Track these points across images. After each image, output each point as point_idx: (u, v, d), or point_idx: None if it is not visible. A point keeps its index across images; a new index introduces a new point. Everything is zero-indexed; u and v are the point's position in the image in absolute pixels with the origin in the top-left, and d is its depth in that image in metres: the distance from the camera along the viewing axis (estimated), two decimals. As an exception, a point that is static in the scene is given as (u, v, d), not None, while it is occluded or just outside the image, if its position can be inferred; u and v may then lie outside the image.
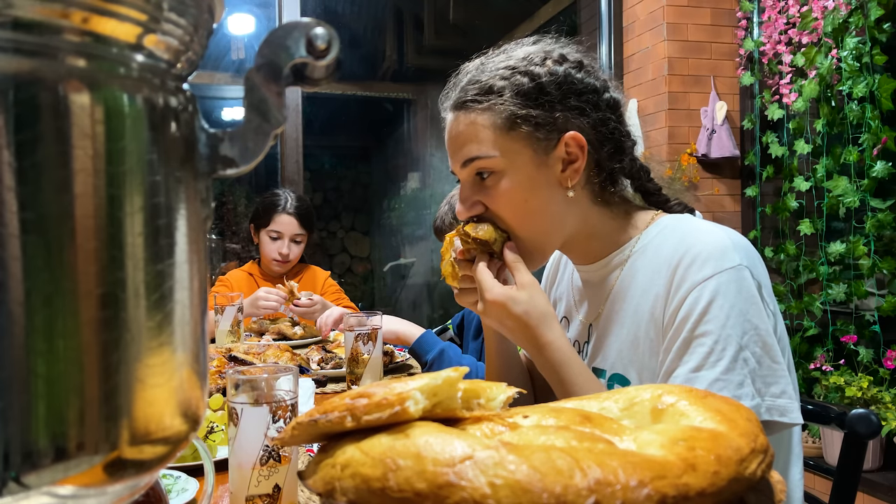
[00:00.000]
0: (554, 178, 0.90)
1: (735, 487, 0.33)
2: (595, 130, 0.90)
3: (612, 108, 0.93)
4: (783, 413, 0.78)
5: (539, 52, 0.91)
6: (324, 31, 0.33)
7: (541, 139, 0.88)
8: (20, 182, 0.26)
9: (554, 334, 0.89)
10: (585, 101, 0.89)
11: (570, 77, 0.89)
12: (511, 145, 0.88)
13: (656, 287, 0.87)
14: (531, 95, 0.88)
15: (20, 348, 0.26)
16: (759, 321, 0.80)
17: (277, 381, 0.78)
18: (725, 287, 0.80)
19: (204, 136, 0.35)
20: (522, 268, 0.91)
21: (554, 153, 0.89)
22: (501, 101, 0.88)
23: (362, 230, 7.46)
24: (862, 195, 2.54)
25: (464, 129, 0.91)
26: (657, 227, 0.93)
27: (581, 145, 0.89)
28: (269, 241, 2.39)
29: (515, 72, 0.89)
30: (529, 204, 0.90)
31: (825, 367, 2.61)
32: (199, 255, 0.35)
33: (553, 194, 0.90)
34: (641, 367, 0.89)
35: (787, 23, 2.86)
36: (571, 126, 0.89)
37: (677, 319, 0.82)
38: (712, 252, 0.82)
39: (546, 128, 0.88)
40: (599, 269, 0.98)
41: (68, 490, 0.28)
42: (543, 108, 0.88)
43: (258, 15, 4.03)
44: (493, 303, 0.89)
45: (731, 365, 0.77)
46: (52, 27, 0.27)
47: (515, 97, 0.88)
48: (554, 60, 0.90)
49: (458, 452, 0.33)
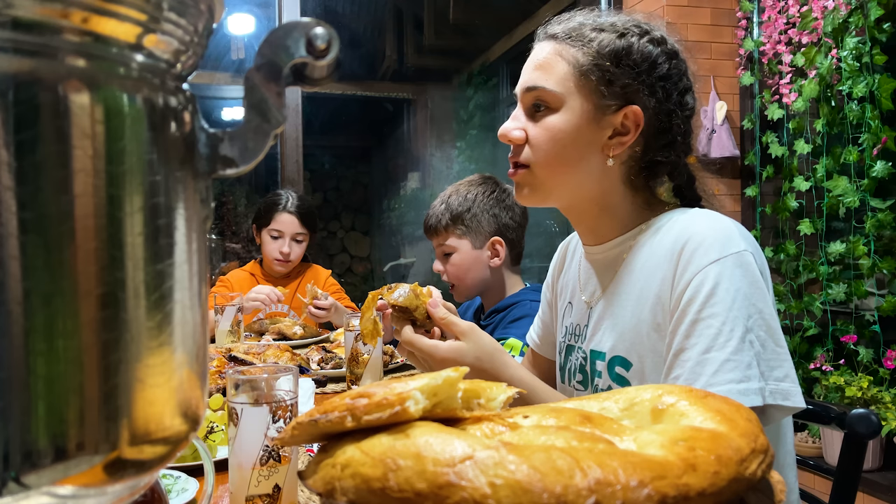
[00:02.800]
0: (599, 141, 0.92)
1: (735, 487, 0.33)
2: (657, 115, 0.92)
3: (683, 107, 0.94)
4: (786, 397, 0.78)
5: (643, 24, 0.94)
6: (324, 31, 0.33)
7: (605, 99, 0.90)
8: (20, 182, 0.26)
9: (510, 369, 0.95)
10: (661, 87, 0.92)
11: (659, 59, 0.92)
12: (577, 92, 0.91)
13: (662, 270, 0.87)
14: (616, 56, 0.90)
15: (20, 348, 0.26)
16: (764, 305, 0.81)
17: (277, 381, 0.78)
18: (731, 271, 0.80)
19: (204, 136, 0.34)
20: (454, 319, 0.96)
21: (610, 118, 0.91)
22: (589, 49, 0.91)
23: (362, 230, 7.46)
24: (862, 195, 2.54)
25: (544, 57, 0.94)
26: (666, 216, 0.94)
27: (637, 122, 0.91)
28: (271, 241, 2.39)
29: (614, 30, 0.92)
30: (567, 151, 0.92)
31: (825, 367, 2.61)
32: (199, 255, 0.35)
33: (591, 155, 0.92)
34: (644, 350, 0.89)
35: (787, 23, 2.85)
36: (638, 101, 0.91)
37: (683, 301, 0.82)
38: (717, 237, 0.83)
39: (614, 89, 0.90)
40: (606, 251, 0.99)
41: (68, 490, 0.28)
42: (622, 71, 0.90)
43: (258, 15, 4.03)
44: (443, 361, 0.93)
45: (739, 346, 0.78)
46: (52, 27, 0.27)
47: (603, 50, 0.90)
48: (652, 38, 0.93)
49: (459, 452, 0.33)
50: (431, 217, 1.79)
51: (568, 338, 1.07)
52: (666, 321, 0.86)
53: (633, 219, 0.96)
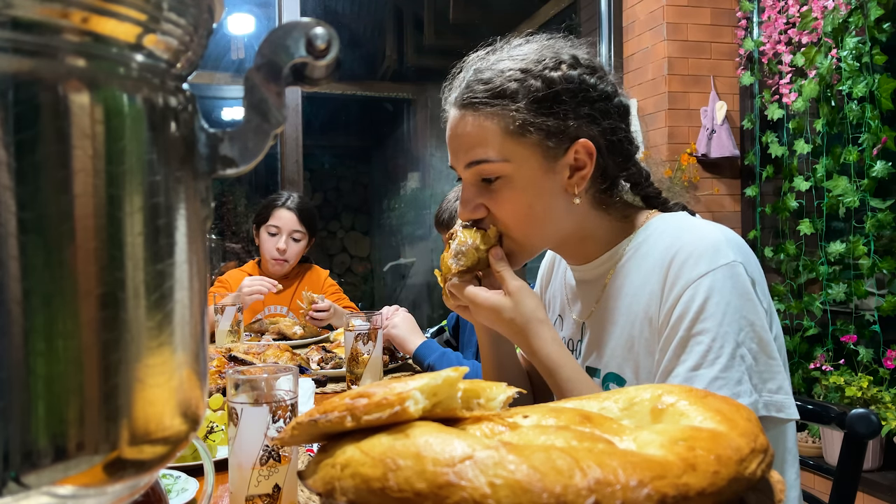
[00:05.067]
0: (560, 185, 0.89)
1: (735, 487, 0.33)
2: (605, 138, 0.90)
3: (622, 115, 0.92)
4: (780, 409, 0.78)
5: (551, 53, 0.89)
6: (323, 30, 0.33)
7: (551, 147, 0.87)
8: (19, 182, 0.26)
9: (541, 340, 0.88)
10: (598, 108, 0.89)
11: (585, 83, 0.88)
12: (520, 151, 0.87)
13: (650, 285, 0.87)
14: (545, 103, 0.86)
15: (20, 348, 0.26)
16: (755, 317, 0.80)
17: (277, 381, 0.78)
18: (721, 284, 0.80)
19: (204, 136, 0.34)
20: (509, 274, 0.91)
21: (563, 160, 0.88)
22: (514, 106, 0.86)
23: (362, 230, 7.46)
24: (862, 195, 2.54)
25: (471, 130, 0.88)
26: (651, 226, 0.93)
27: (590, 153, 0.88)
28: (268, 238, 2.38)
29: (529, 75, 0.87)
30: (534, 209, 0.90)
31: (825, 367, 2.61)
32: (199, 255, 0.35)
33: (557, 200, 0.90)
34: (637, 365, 0.88)
35: (786, 23, 2.85)
36: (582, 133, 0.88)
37: (673, 317, 0.82)
38: (706, 249, 0.82)
39: (558, 136, 0.87)
40: (593, 268, 0.98)
41: (68, 490, 0.28)
42: (557, 116, 0.86)
43: (258, 15, 4.03)
44: (481, 309, 0.91)
45: (729, 362, 0.77)
46: (52, 27, 0.27)
47: (530, 104, 0.86)
48: (568, 65, 0.88)
49: (458, 452, 0.33)
50: (445, 212, 1.79)
51: None
52: (654, 337, 0.85)
53: (614, 235, 0.95)
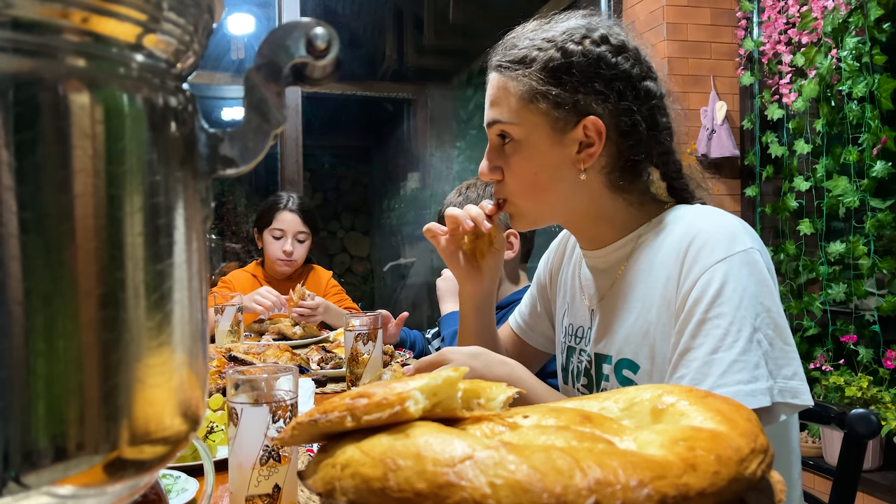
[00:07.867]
0: (568, 158, 0.91)
1: (735, 487, 0.33)
2: (616, 119, 0.90)
3: (646, 99, 0.91)
4: (795, 395, 0.78)
5: (582, 28, 0.91)
6: (323, 31, 0.33)
7: (559, 118, 0.89)
8: (20, 182, 0.26)
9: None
10: (612, 87, 0.89)
11: (604, 60, 0.89)
12: (530, 118, 0.90)
13: (667, 271, 0.87)
14: (556, 73, 0.89)
15: (20, 348, 0.26)
16: (771, 303, 0.80)
17: (277, 381, 0.78)
18: (737, 269, 0.80)
19: (204, 136, 0.34)
20: None
21: (571, 134, 0.90)
22: (527, 72, 0.90)
23: (362, 230, 7.46)
24: (862, 195, 2.54)
25: (495, 91, 0.94)
26: (669, 215, 0.93)
27: (599, 130, 0.89)
28: (273, 241, 2.38)
29: (552, 46, 0.90)
30: (538, 177, 0.92)
31: (825, 367, 2.61)
32: (199, 255, 0.35)
33: (564, 173, 0.92)
34: (653, 351, 0.88)
35: (786, 23, 2.85)
36: (592, 110, 0.89)
37: (689, 302, 0.82)
38: (723, 235, 0.83)
39: (565, 108, 0.89)
40: (606, 254, 0.98)
41: (68, 490, 0.28)
42: (565, 87, 0.89)
43: (258, 15, 4.02)
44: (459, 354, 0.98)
45: (747, 346, 0.77)
46: (52, 27, 0.27)
47: (541, 72, 0.89)
48: (592, 41, 0.90)
49: (458, 452, 0.33)
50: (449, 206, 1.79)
51: (568, 339, 1.07)
52: (672, 321, 0.85)
53: (630, 221, 0.95)
